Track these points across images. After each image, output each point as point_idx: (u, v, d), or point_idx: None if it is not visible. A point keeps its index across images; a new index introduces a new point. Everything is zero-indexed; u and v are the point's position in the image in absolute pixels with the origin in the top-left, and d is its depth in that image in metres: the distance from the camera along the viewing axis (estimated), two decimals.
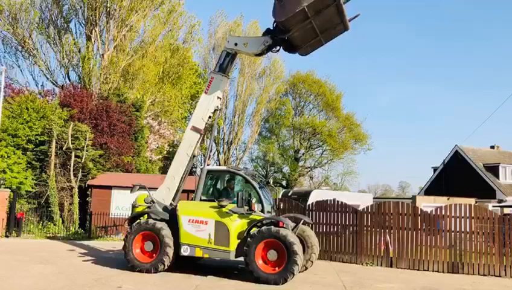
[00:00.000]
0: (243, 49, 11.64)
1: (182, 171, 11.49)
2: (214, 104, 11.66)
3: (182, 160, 11.52)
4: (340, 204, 13.96)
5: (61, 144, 20.34)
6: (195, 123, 11.57)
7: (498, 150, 41.10)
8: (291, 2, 10.27)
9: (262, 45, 11.36)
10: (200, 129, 11.50)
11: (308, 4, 10.10)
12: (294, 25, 10.69)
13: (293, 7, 10.23)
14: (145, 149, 27.07)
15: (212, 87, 11.66)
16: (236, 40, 11.75)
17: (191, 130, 11.59)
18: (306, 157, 47.61)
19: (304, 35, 11.18)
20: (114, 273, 10.27)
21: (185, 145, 11.58)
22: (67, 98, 22.17)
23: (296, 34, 11.00)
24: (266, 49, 11.53)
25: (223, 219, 10.15)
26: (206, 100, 11.70)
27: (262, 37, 11.49)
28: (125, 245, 10.63)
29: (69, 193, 20.06)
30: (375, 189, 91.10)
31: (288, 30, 10.84)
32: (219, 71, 11.71)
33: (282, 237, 9.58)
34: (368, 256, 13.20)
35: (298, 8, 10.17)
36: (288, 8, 10.31)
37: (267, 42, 11.30)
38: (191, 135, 11.56)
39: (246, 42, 11.64)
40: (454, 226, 12.52)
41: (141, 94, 27.52)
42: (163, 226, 10.49)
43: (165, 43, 29.59)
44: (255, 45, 11.52)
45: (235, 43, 11.56)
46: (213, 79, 11.71)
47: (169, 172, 11.64)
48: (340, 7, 10.56)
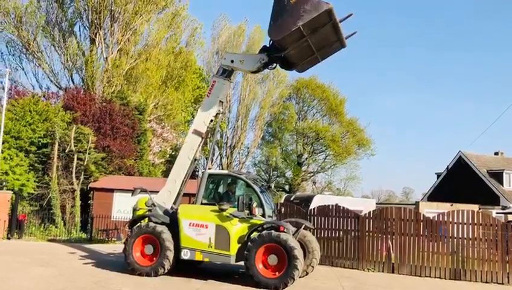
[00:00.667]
0: (239, 66, 11.66)
1: (183, 175, 11.46)
2: (216, 108, 11.65)
3: (183, 163, 11.50)
4: (342, 209, 13.89)
5: (64, 147, 20.41)
6: (197, 126, 11.56)
7: (502, 157, 40.87)
8: (286, 21, 10.23)
9: (259, 62, 11.37)
10: (201, 133, 11.48)
11: (304, 23, 10.06)
12: (290, 44, 10.67)
13: (288, 26, 10.20)
14: (147, 152, 27.13)
15: (214, 91, 11.66)
16: (233, 57, 11.81)
17: (192, 134, 11.57)
18: (309, 162, 47.50)
19: (300, 53, 11.17)
20: (114, 276, 10.23)
21: (187, 148, 11.57)
22: (70, 101, 22.26)
23: (292, 52, 10.99)
24: (262, 66, 11.54)
25: (224, 223, 10.10)
26: (208, 104, 11.70)
27: (259, 55, 11.50)
28: (126, 248, 10.58)
29: (71, 196, 20.11)
30: (379, 195, 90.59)
31: (284, 48, 10.82)
32: (221, 75, 11.71)
33: (282, 241, 9.52)
34: (369, 262, 13.11)
35: (293, 27, 10.12)
36: (283, 27, 10.29)
37: (263, 60, 11.31)
38: (193, 138, 11.55)
39: (242, 59, 11.68)
40: (457, 233, 12.42)
41: (144, 97, 27.60)
42: (163, 230, 10.45)
43: (168, 46, 29.71)
44: (251, 62, 11.55)
45: (232, 60, 11.60)
46: (215, 83, 11.71)
47: (171, 175, 11.62)
48: (337, 25, 10.51)
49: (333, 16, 10.18)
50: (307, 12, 9.98)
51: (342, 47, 11.36)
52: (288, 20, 10.21)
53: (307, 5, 10.00)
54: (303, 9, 10.01)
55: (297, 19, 10.07)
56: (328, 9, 9.94)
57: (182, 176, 11.44)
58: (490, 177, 36.36)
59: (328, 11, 9.97)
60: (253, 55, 12.02)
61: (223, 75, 11.66)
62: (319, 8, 9.94)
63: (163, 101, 30.49)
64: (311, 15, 9.96)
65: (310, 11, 9.96)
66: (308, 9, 9.98)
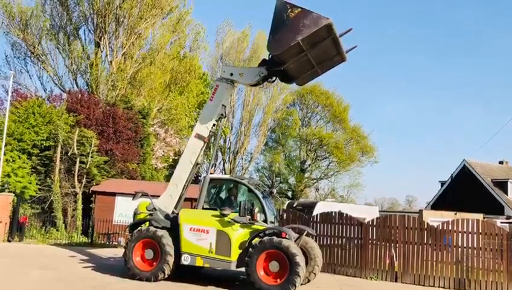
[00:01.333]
0: (239, 80, 11.61)
1: (184, 179, 11.37)
2: (219, 112, 11.57)
3: (185, 168, 11.41)
4: (345, 216, 13.74)
5: (67, 150, 20.37)
6: (199, 131, 11.48)
7: (507, 166, 40.60)
8: (285, 36, 10.14)
9: (258, 76, 11.31)
10: (204, 137, 11.40)
11: (303, 38, 9.97)
12: (289, 58, 10.60)
13: (287, 41, 10.11)
14: (150, 156, 27.05)
15: (217, 95, 11.60)
16: (232, 70, 11.77)
17: (194, 138, 11.49)
18: (312, 168, 47.32)
19: (299, 67, 11.11)
20: (113, 280, 10.12)
21: (189, 152, 11.48)
22: (74, 104, 22.26)
23: (291, 66, 10.93)
24: (262, 79, 11.49)
25: (225, 228, 9.99)
26: (210, 108, 11.65)
27: (258, 68, 11.45)
28: (126, 253, 10.49)
29: (72, 199, 20.04)
30: (382, 202, 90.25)
31: (283, 63, 10.75)
32: (224, 80, 11.64)
33: (284, 248, 9.39)
34: (372, 270, 12.94)
35: (293, 41, 10.03)
36: (283, 42, 10.20)
37: (263, 73, 11.24)
38: (195, 142, 11.47)
39: (241, 72, 11.64)
40: (461, 242, 12.25)
41: (148, 101, 27.58)
42: (164, 234, 10.35)
43: (173, 51, 29.72)
44: (251, 76, 11.49)
45: (231, 73, 11.55)
46: (218, 87, 11.66)
47: (172, 179, 11.54)
48: (336, 40, 10.42)
49: (333, 30, 10.08)
50: (306, 27, 9.89)
51: (342, 61, 11.30)
52: (287, 34, 10.11)
53: (306, 19, 9.91)
54: (302, 24, 9.92)
55: (296, 33, 9.98)
56: (328, 24, 9.83)
57: (183, 180, 11.35)
58: (494, 186, 36.09)
59: (328, 25, 9.87)
60: (252, 68, 11.99)
61: (226, 80, 11.60)
62: (319, 23, 9.85)
63: (167, 105, 30.46)
64: (310, 30, 9.87)
65: (309, 26, 9.87)
66: (308, 24, 9.89)
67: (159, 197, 11.41)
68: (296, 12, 10.07)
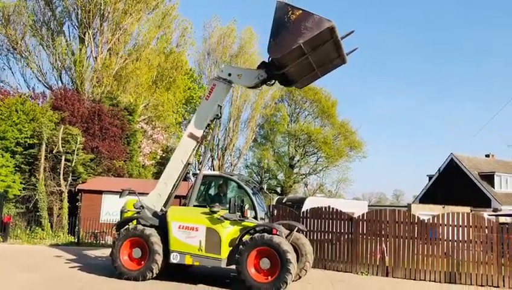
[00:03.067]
0: (237, 81, 11.28)
1: (175, 178, 11.06)
2: (214, 112, 11.19)
3: (176, 167, 11.10)
4: (335, 211, 13.64)
5: (52, 148, 19.93)
6: (192, 130, 11.14)
7: (493, 159, 41.03)
8: (286, 39, 9.85)
9: (257, 79, 10.97)
10: (197, 137, 11.07)
11: (305, 41, 9.71)
12: (290, 61, 10.30)
13: (288, 44, 9.82)
14: (137, 154, 26.69)
15: (213, 95, 11.20)
16: (231, 70, 11.36)
17: (187, 137, 11.14)
18: (301, 164, 47.35)
19: (300, 70, 10.84)
20: (100, 280, 9.88)
21: (181, 151, 11.17)
22: (58, 101, 21.79)
23: (292, 70, 10.63)
24: (260, 82, 11.15)
25: (215, 226, 9.80)
26: (205, 107, 11.28)
27: (257, 71, 11.11)
28: (113, 252, 10.24)
29: (58, 198, 19.63)
30: (370, 197, 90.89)
31: (284, 66, 10.44)
32: (222, 79, 11.26)
33: (275, 244, 9.24)
34: (363, 265, 12.86)
35: (294, 45, 9.75)
36: (283, 45, 9.90)
37: (262, 76, 10.91)
38: (188, 141, 11.13)
39: (240, 74, 11.27)
40: (451, 235, 12.22)
41: (134, 98, 27.18)
42: (152, 233, 10.11)
43: (159, 46, 29.34)
44: (249, 78, 11.16)
45: (229, 74, 11.17)
46: (215, 86, 11.24)
47: (162, 178, 11.24)
48: (338, 42, 10.18)
49: (335, 33, 9.83)
50: (308, 30, 9.63)
51: (342, 63, 11.05)
52: (288, 37, 9.81)
53: (307, 22, 9.64)
54: (304, 27, 9.65)
55: (298, 36, 9.70)
56: (330, 26, 9.59)
57: (173, 179, 11.06)
58: (481, 179, 36.47)
59: (330, 28, 9.62)
60: (251, 70, 11.60)
61: (223, 80, 11.26)
62: (321, 25, 9.59)
63: (154, 102, 30.07)
64: (312, 33, 9.60)
65: (311, 29, 9.61)
66: (309, 27, 9.62)
67: (148, 195, 11.15)
68: (297, 15, 9.78)
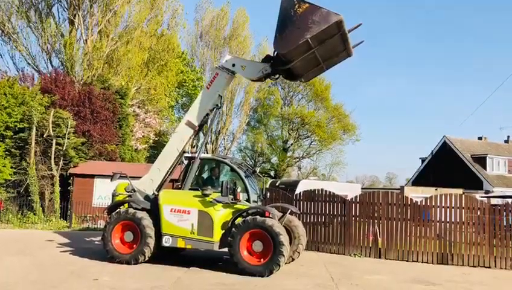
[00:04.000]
0: (240, 72, 10.97)
1: (168, 165, 10.89)
2: (214, 102, 10.93)
3: (170, 154, 10.90)
4: (328, 194, 13.62)
5: (42, 131, 19.66)
6: (190, 118, 10.89)
7: (485, 141, 41.24)
8: (293, 34, 9.54)
9: (261, 72, 10.69)
10: (194, 125, 10.82)
11: (312, 36, 9.41)
12: (296, 56, 10.00)
13: (295, 39, 9.51)
14: (129, 137, 26.44)
15: (215, 84, 10.92)
16: (235, 61, 11.01)
17: (185, 125, 10.90)
18: (294, 147, 47.32)
19: (305, 64, 10.56)
20: (92, 264, 9.81)
21: (177, 139, 10.96)
22: (48, 84, 21.41)
23: (297, 64, 10.33)
24: (264, 76, 10.88)
25: (207, 209, 9.72)
26: (206, 96, 10.98)
27: (262, 64, 10.81)
28: (104, 235, 10.15)
29: (50, 182, 19.43)
30: (363, 180, 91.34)
31: (290, 61, 10.14)
32: (225, 68, 10.92)
33: (268, 227, 9.19)
34: (356, 247, 12.90)
35: (301, 39, 9.45)
36: (290, 40, 9.59)
37: (266, 70, 10.63)
38: (185, 129, 10.89)
39: (244, 65, 10.95)
40: (444, 217, 12.26)
41: (126, 81, 26.82)
42: (144, 216, 10.02)
43: (150, 28, 28.86)
44: (253, 71, 10.85)
45: (233, 64, 10.85)
46: (217, 75, 10.95)
47: (155, 164, 11.07)
48: (345, 36, 9.92)
49: (343, 27, 9.57)
50: (315, 24, 9.33)
51: (348, 56, 10.82)
52: (295, 32, 9.51)
53: (315, 16, 9.34)
54: (311, 21, 9.35)
55: (305, 31, 9.39)
56: (338, 20, 9.32)
57: (167, 166, 10.89)
58: (474, 161, 36.68)
59: (338, 22, 9.35)
60: (256, 63, 11.20)
61: (226, 70, 10.92)
62: (329, 19, 9.31)
63: (146, 85, 29.75)
64: (320, 27, 9.32)
65: (319, 23, 9.31)
66: (317, 21, 9.32)
67: (140, 179, 11.01)
68: (304, 8, 9.49)
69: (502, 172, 37.08)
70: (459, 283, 9.57)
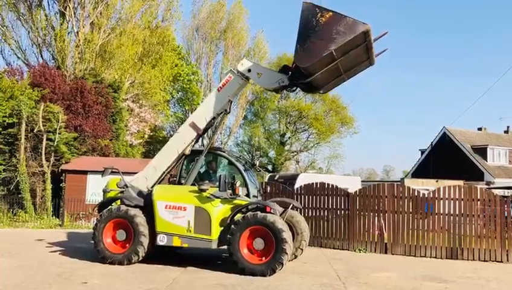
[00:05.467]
0: (255, 79, 10.14)
1: (166, 166, 10.17)
2: (223, 106, 10.14)
3: (169, 154, 10.16)
4: (330, 187, 13.07)
5: (32, 127, 18.95)
6: (195, 120, 10.13)
7: (485, 132, 40.77)
8: (316, 45, 8.79)
9: (277, 84, 9.85)
10: (199, 128, 10.05)
11: (337, 47, 8.70)
12: (318, 69, 9.24)
13: (318, 51, 8.76)
14: (124, 132, 25.77)
15: (227, 88, 10.08)
16: (252, 66, 10.09)
17: (188, 126, 10.14)
18: (292, 141, 46.83)
19: (326, 76, 9.81)
20: (81, 266, 9.19)
21: (178, 139, 10.20)
22: (37, 78, 20.68)
23: (318, 77, 9.55)
24: (280, 88, 10.08)
25: (204, 205, 9.10)
26: (215, 99, 10.16)
27: (279, 75, 9.92)
28: (95, 234, 9.52)
29: (41, 179, 18.75)
30: (360, 173, 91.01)
31: (311, 74, 9.35)
32: (240, 73, 10.09)
33: (269, 223, 8.59)
34: (360, 242, 12.35)
35: (325, 52, 8.69)
36: (313, 52, 8.84)
37: (283, 82, 9.80)
38: (188, 131, 10.11)
39: (260, 73, 10.06)
40: (453, 209, 11.70)
41: (119, 74, 26.09)
42: (136, 213, 9.39)
43: (144, 21, 28.11)
44: (269, 80, 10.00)
45: (249, 69, 10.01)
46: (231, 78, 10.12)
47: (152, 162, 10.35)
48: (370, 45, 9.21)
49: (369, 36, 8.86)
50: (340, 35, 8.58)
51: (370, 65, 10.06)
52: (318, 43, 8.74)
53: (340, 26, 8.59)
54: (335, 31, 8.60)
55: (329, 42, 8.65)
56: (366, 30, 8.60)
57: (164, 166, 10.17)
58: (474, 152, 36.20)
59: (365, 32, 8.65)
60: (274, 72, 10.23)
61: (241, 75, 10.09)
62: (355, 29, 8.56)
63: (140, 79, 29.05)
64: (345, 37, 8.57)
65: (344, 33, 8.57)
66: (342, 31, 8.58)
67: (134, 176, 10.36)
68: (327, 17, 8.72)
69: (502, 163, 36.64)
70: (473, 280, 9.01)
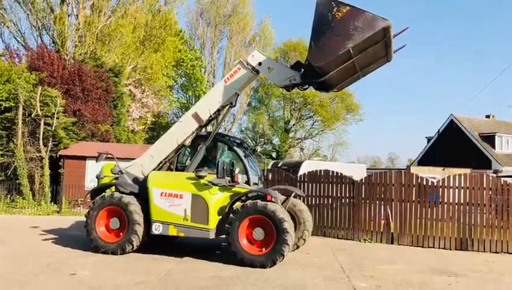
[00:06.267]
0: (265, 74, 9.52)
1: (164, 155, 9.64)
2: (228, 99, 9.56)
3: (168, 144, 9.64)
4: (335, 175, 12.58)
5: (30, 111, 18.55)
6: (198, 110, 9.58)
7: (493, 120, 39.92)
8: (331, 42, 8.14)
9: (288, 81, 9.22)
10: (201, 119, 9.49)
11: (354, 45, 8.05)
12: (333, 68, 8.59)
13: (334, 49, 8.13)
14: (125, 118, 25.34)
15: (235, 80, 9.47)
16: (263, 59, 9.42)
17: (191, 116, 9.59)
18: (297, 128, 46.31)
19: (341, 75, 9.14)
20: (74, 255, 8.78)
21: (179, 129, 9.68)
22: (35, 61, 20.20)
23: (333, 75, 8.89)
24: (291, 86, 9.41)
25: (201, 192, 8.63)
26: (221, 90, 9.58)
27: (291, 72, 9.27)
28: (87, 222, 9.10)
29: (39, 164, 18.39)
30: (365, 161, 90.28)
31: (325, 73, 8.69)
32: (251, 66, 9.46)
33: (270, 212, 8.12)
34: (366, 232, 11.88)
35: (342, 49, 8.07)
36: (328, 50, 8.20)
37: (295, 80, 9.16)
38: (190, 121, 9.58)
39: (271, 67, 9.43)
40: (463, 198, 11.18)
41: (120, 58, 25.56)
42: (131, 201, 8.95)
43: (145, 3, 27.47)
44: (280, 76, 9.36)
45: (260, 63, 9.37)
46: (239, 70, 9.49)
47: (150, 150, 9.84)
48: (389, 41, 8.51)
49: (389, 33, 8.18)
50: (358, 31, 7.96)
51: (387, 61, 9.38)
52: (334, 40, 8.12)
53: (357, 21, 7.95)
54: (353, 27, 7.97)
55: (346, 39, 8.02)
56: (386, 26, 7.93)
57: (161, 156, 9.64)
58: (482, 140, 35.44)
59: (386, 28, 7.97)
60: (286, 68, 9.58)
61: (251, 68, 9.46)
62: (375, 25, 7.92)
63: (142, 63, 28.51)
64: (364, 34, 7.95)
65: (363, 30, 7.93)
66: (360, 27, 7.94)
67: (129, 163, 9.88)
68: (344, 12, 8.05)
69: (511, 151, 35.86)
70: (485, 274, 8.52)
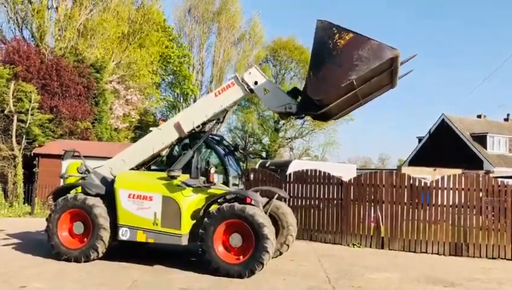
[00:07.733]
0: (260, 95, 8.58)
1: (136, 161, 8.77)
2: (216, 114, 8.69)
3: (143, 151, 8.78)
4: (322, 175, 11.84)
5: (3, 107, 17.59)
6: (182, 121, 8.68)
7: (485, 120, 39.59)
8: (333, 73, 7.32)
9: (283, 108, 8.37)
10: (183, 131, 8.62)
11: (358, 76, 7.26)
12: (334, 100, 7.77)
13: (336, 80, 7.30)
14: (107, 115, 24.44)
15: (226, 95, 8.60)
16: (260, 79, 8.50)
17: (172, 126, 8.72)
18: (286, 127, 45.70)
19: (342, 105, 8.26)
20: (32, 263, 7.93)
21: (156, 137, 8.80)
22: (11, 55, 19.24)
23: (333, 106, 8.05)
24: (285, 114, 8.63)
25: (173, 194, 7.82)
26: (210, 103, 8.74)
27: (288, 98, 8.37)
28: (48, 227, 8.26)
29: (12, 163, 17.44)
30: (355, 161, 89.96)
31: (325, 106, 7.86)
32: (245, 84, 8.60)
33: (248, 216, 7.32)
34: (354, 235, 11.15)
35: (344, 82, 7.25)
36: (329, 82, 7.37)
37: (290, 109, 8.31)
38: (170, 131, 8.70)
39: (268, 89, 8.50)
40: (457, 200, 10.50)
41: (102, 54, 24.62)
42: (95, 203, 8.11)
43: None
44: (275, 101, 8.49)
45: (256, 82, 8.48)
46: (233, 85, 8.62)
47: (122, 154, 8.96)
48: (396, 70, 7.71)
49: (397, 62, 7.38)
50: (363, 61, 7.17)
51: (390, 88, 8.57)
52: (335, 71, 7.30)
53: (362, 50, 7.16)
54: (357, 57, 7.17)
55: (349, 70, 7.21)
56: (394, 56, 7.13)
57: (133, 162, 8.76)
58: (474, 140, 35.06)
59: (394, 58, 7.18)
60: (282, 93, 8.60)
61: (246, 85, 8.56)
62: (381, 55, 7.14)
63: (126, 59, 27.62)
64: (369, 65, 7.15)
65: (368, 60, 7.15)
66: (365, 57, 7.15)
67: (99, 164, 9.03)
68: (347, 40, 7.27)
69: (502, 151, 35.51)
70: (483, 283, 7.81)
